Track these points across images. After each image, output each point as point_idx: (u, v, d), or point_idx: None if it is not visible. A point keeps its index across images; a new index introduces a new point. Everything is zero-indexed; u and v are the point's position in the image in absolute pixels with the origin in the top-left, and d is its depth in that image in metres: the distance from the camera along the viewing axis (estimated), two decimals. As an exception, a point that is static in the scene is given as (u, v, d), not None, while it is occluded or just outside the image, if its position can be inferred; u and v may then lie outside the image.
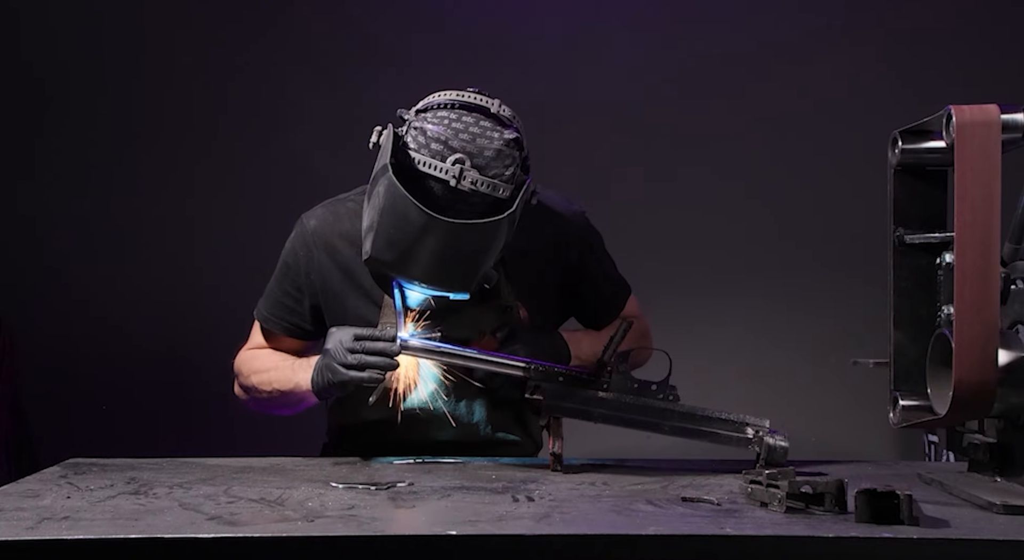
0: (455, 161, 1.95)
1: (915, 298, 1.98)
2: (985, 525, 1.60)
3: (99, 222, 3.65)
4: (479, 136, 1.98)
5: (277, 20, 3.74)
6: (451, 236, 1.95)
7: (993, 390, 1.71)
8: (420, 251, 1.97)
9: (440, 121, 1.99)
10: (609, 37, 3.66)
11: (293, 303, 2.30)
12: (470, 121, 2.00)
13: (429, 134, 1.98)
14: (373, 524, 1.59)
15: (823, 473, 1.90)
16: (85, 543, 1.50)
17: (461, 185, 1.95)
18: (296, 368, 2.24)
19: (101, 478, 1.96)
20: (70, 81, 3.72)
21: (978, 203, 1.70)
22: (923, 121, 1.91)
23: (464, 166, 1.95)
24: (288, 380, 2.23)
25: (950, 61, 3.50)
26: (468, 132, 1.98)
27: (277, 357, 2.31)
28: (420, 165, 1.96)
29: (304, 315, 2.30)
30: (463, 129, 1.98)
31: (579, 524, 1.61)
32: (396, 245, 1.98)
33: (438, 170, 1.95)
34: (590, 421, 2.06)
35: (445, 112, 2.01)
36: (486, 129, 1.99)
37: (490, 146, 1.98)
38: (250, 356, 2.35)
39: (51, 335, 3.57)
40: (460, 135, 1.97)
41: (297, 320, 2.31)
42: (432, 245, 1.96)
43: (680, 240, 3.61)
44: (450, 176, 1.95)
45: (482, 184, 1.95)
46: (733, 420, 2.04)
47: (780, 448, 2.00)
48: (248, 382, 2.32)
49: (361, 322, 2.19)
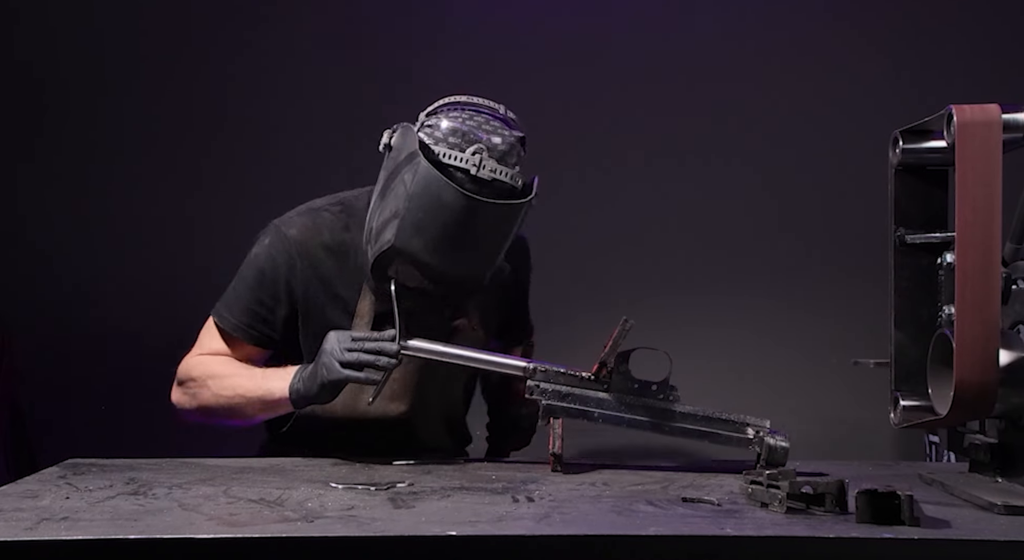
0: (474, 151, 2.04)
1: (916, 298, 1.98)
2: (986, 526, 1.59)
3: (98, 221, 3.64)
4: (492, 132, 2.07)
5: (279, 19, 3.73)
6: (481, 218, 2.03)
7: (994, 390, 1.71)
8: (448, 235, 2.03)
9: (454, 119, 2.08)
10: (609, 37, 3.65)
11: (265, 312, 2.25)
12: (481, 120, 2.09)
13: (445, 128, 2.07)
14: (373, 525, 1.59)
15: (824, 473, 1.90)
16: (84, 544, 1.50)
17: (481, 173, 2.03)
18: (268, 375, 2.18)
19: (100, 478, 1.95)
20: (69, 80, 3.71)
21: (979, 203, 1.70)
22: (924, 121, 1.91)
23: (483, 155, 2.04)
24: (257, 386, 2.17)
25: (951, 60, 3.50)
26: (481, 129, 2.07)
27: (237, 364, 2.25)
28: (441, 156, 2.04)
29: (275, 324, 2.26)
30: (476, 126, 2.07)
31: (579, 525, 1.61)
32: (424, 231, 2.03)
33: (459, 160, 2.04)
34: (590, 421, 2.06)
35: (456, 112, 2.10)
36: (496, 127, 2.08)
37: (503, 141, 2.07)
38: (204, 361, 2.27)
39: (50, 335, 3.56)
40: (475, 130, 2.07)
41: (266, 329, 2.26)
42: (461, 228, 2.03)
43: (681, 240, 3.61)
44: (470, 164, 2.03)
45: (501, 172, 2.04)
46: (734, 420, 2.04)
47: (780, 448, 2.00)
48: (200, 387, 2.23)
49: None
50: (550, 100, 3.53)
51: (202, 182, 3.67)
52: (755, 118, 3.58)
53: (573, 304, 3.37)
